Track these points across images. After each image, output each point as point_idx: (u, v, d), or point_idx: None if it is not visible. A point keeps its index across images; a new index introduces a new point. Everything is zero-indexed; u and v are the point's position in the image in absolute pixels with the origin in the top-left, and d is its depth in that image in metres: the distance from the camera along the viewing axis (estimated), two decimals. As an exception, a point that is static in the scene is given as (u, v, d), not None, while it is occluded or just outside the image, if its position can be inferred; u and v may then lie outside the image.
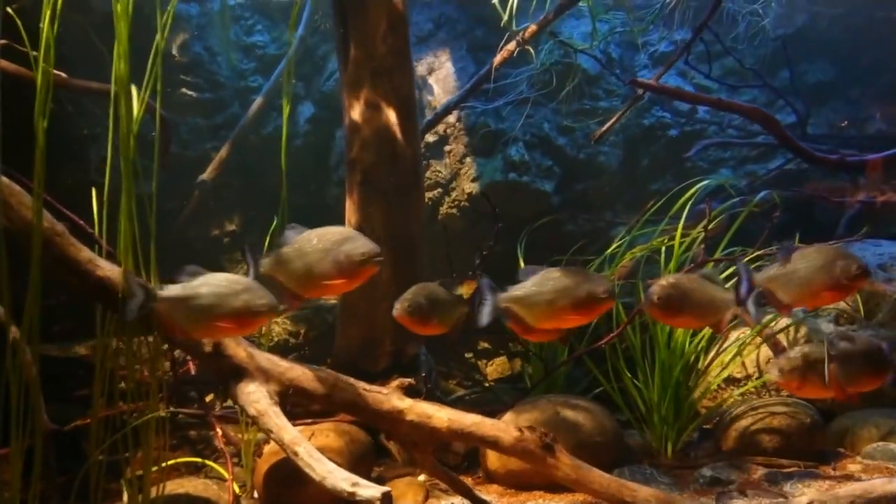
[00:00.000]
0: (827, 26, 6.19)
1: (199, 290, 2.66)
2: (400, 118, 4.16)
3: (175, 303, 2.66)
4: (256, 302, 2.64)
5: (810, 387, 3.27)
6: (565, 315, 2.89)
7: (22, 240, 2.87)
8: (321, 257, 2.75)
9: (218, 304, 2.63)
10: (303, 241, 2.80)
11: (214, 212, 5.85)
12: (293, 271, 2.79)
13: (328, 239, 2.80)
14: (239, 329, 2.77)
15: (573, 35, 5.73)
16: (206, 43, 5.86)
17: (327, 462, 2.87)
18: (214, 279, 2.69)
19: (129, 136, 2.90)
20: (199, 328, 2.72)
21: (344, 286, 2.88)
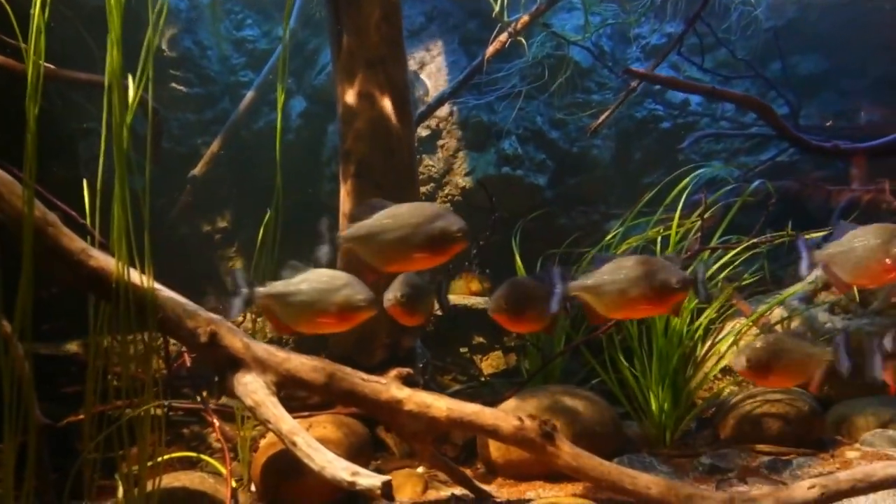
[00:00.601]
0: (817, 18, 6.21)
1: (301, 287, 2.76)
2: (394, 108, 4.14)
3: (277, 298, 2.75)
4: (356, 297, 2.73)
5: (775, 378, 3.26)
6: (638, 305, 2.84)
7: (13, 230, 2.83)
8: (412, 232, 2.70)
9: (318, 300, 2.73)
10: (387, 216, 2.75)
11: (206, 208, 5.79)
12: (377, 245, 2.73)
13: (421, 214, 2.75)
14: (338, 324, 2.85)
15: (565, 28, 5.73)
16: (195, 37, 5.81)
17: (326, 452, 2.84)
18: (316, 275, 2.78)
19: (122, 124, 2.86)
20: (300, 323, 2.81)
21: (429, 262, 2.83)
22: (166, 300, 3.02)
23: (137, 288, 2.93)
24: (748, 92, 5.84)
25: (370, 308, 2.77)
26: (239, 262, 6.05)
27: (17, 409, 2.74)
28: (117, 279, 2.89)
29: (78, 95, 4.78)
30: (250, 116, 5.84)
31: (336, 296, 2.72)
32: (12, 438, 2.74)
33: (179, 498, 3.12)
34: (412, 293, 3.12)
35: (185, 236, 5.66)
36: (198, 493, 3.15)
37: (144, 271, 2.96)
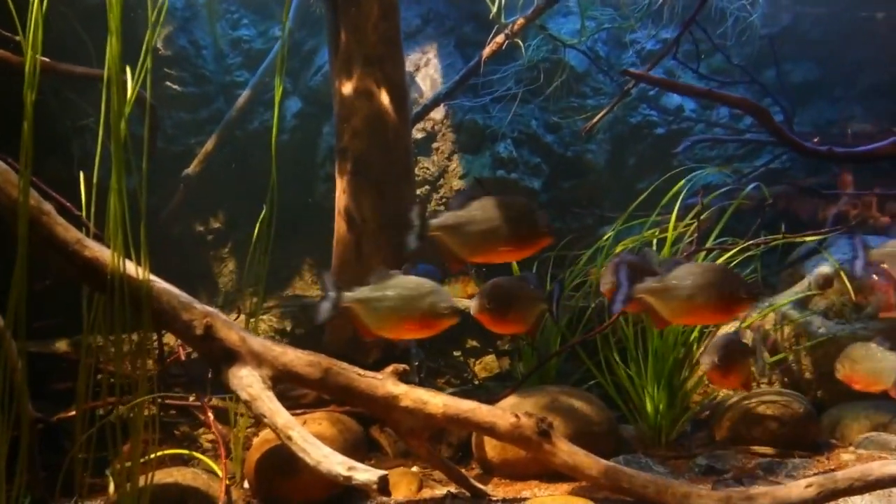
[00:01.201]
0: (810, 26, 6.27)
1: (387, 293, 2.81)
2: (391, 106, 4.13)
3: (364, 303, 2.82)
4: (441, 305, 2.78)
5: (734, 378, 3.29)
6: (703, 312, 2.83)
7: (8, 218, 2.80)
8: (499, 224, 2.69)
9: (404, 307, 2.80)
10: (478, 208, 2.74)
11: (199, 208, 5.76)
12: (464, 235, 2.73)
13: (510, 207, 2.73)
14: (421, 330, 2.93)
15: (561, 32, 5.73)
16: (191, 36, 5.80)
17: (322, 446, 2.81)
18: (402, 281, 2.84)
19: (120, 114, 2.83)
20: (385, 328, 2.88)
21: (513, 255, 2.86)
22: (161, 292, 2.99)
23: (132, 279, 2.91)
24: (743, 98, 5.87)
25: (454, 316, 2.83)
26: (232, 263, 6.02)
27: (9, 401, 2.71)
28: (112, 270, 2.86)
29: (72, 92, 4.74)
30: (245, 116, 5.82)
31: (421, 303, 2.78)
32: (4, 431, 2.70)
33: (172, 494, 3.08)
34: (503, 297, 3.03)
35: (178, 236, 5.62)
36: (190, 489, 3.11)
37: (140, 263, 2.93)
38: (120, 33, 2.87)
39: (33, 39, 2.71)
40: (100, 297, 2.92)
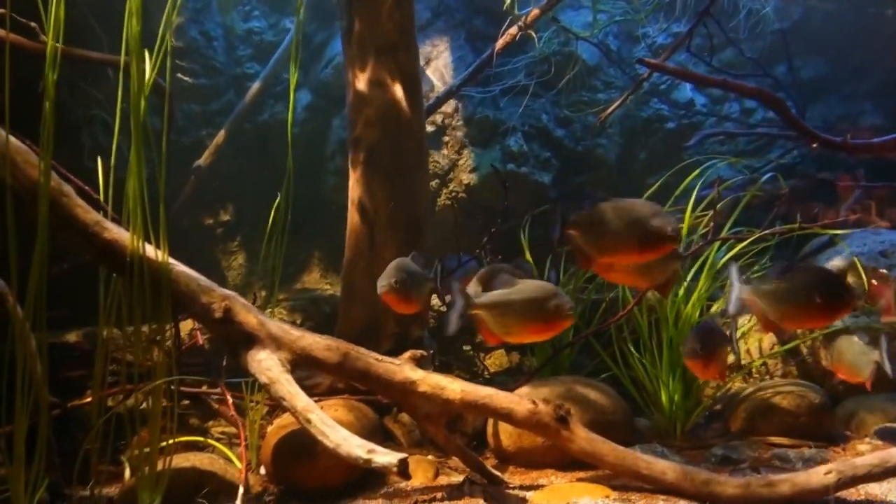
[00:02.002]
0: (820, 22, 6.26)
1: (513, 297, 2.84)
2: (405, 95, 4.13)
3: (491, 308, 2.84)
4: (565, 307, 2.81)
5: (714, 367, 3.30)
6: (809, 316, 2.89)
7: (27, 199, 2.78)
8: (627, 226, 2.73)
9: (530, 310, 2.83)
10: (613, 209, 2.78)
11: (209, 200, 5.75)
12: (598, 234, 2.77)
13: (640, 210, 2.77)
14: (546, 333, 2.99)
15: (572, 26, 5.73)
16: (202, 27, 5.79)
17: (341, 429, 2.79)
18: (525, 286, 2.87)
19: (140, 95, 2.82)
20: (511, 332, 2.90)
21: (639, 257, 2.89)
22: (180, 274, 2.98)
23: (152, 262, 2.90)
24: (754, 93, 5.86)
25: (574, 317, 2.87)
26: (241, 256, 6.01)
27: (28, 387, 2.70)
28: (132, 252, 2.85)
29: (84, 83, 4.73)
30: (255, 109, 5.81)
31: (546, 306, 2.81)
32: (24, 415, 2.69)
33: (189, 478, 3.07)
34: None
35: (187, 228, 5.60)
36: (208, 473, 3.10)
37: (159, 246, 2.92)
38: (140, 15, 2.87)
39: (55, 17, 2.70)
40: (115, 285, 2.92)
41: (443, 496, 3.11)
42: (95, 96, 4.79)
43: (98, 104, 4.79)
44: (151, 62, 2.93)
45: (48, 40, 2.71)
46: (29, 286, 2.64)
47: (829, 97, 6.30)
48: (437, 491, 3.18)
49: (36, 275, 2.66)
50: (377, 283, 3.15)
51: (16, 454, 2.66)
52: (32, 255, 2.69)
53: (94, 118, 4.84)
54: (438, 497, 3.10)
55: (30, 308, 2.66)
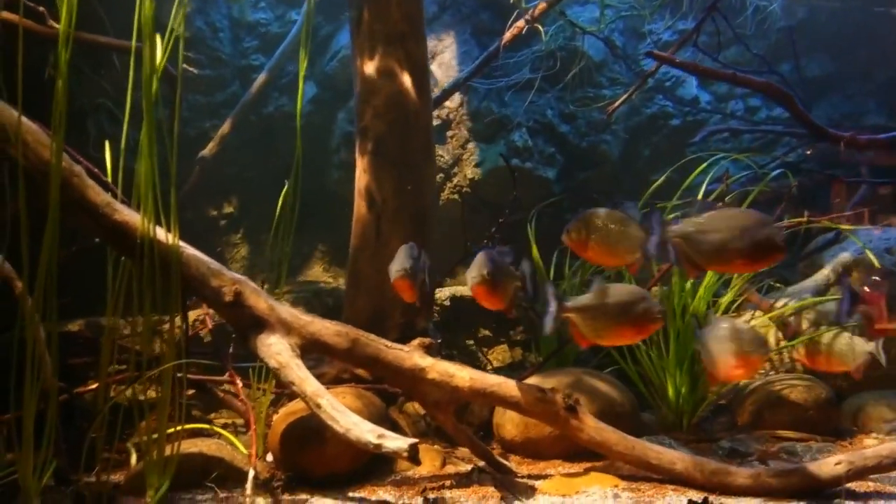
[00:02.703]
0: (826, 21, 6.28)
1: (605, 301, 2.87)
2: (413, 85, 4.11)
3: (583, 312, 2.88)
4: (654, 311, 2.85)
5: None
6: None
7: (38, 179, 2.76)
8: (736, 235, 2.69)
9: (621, 313, 2.87)
10: (716, 218, 2.74)
11: (212, 192, 5.72)
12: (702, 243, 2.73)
13: (746, 219, 2.73)
14: (635, 335, 3.02)
15: (578, 21, 5.73)
16: (207, 18, 5.78)
17: (351, 414, 2.78)
18: (615, 290, 2.91)
19: (152, 75, 2.81)
20: (602, 335, 2.93)
21: (747, 268, 2.94)
22: (191, 258, 2.96)
23: (162, 244, 2.88)
24: (761, 91, 5.86)
25: (663, 319, 2.89)
26: (244, 248, 5.98)
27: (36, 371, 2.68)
28: (142, 234, 2.83)
29: (89, 68, 4.71)
30: (260, 101, 5.79)
31: (636, 309, 2.84)
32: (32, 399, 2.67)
33: (197, 463, 3.04)
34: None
35: (191, 220, 5.58)
36: (215, 459, 3.08)
37: (169, 229, 2.91)
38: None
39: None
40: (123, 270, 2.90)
41: (451, 484, 3.10)
42: (101, 84, 4.77)
43: (104, 93, 4.77)
44: (163, 47, 2.92)
45: (62, 18, 2.69)
46: (40, 266, 2.63)
47: (834, 95, 6.32)
48: (445, 479, 3.17)
49: (46, 255, 2.65)
50: (468, 274, 2.99)
51: (25, 438, 2.64)
52: (42, 236, 2.69)
53: (99, 106, 4.82)
54: (447, 485, 3.08)
55: (40, 288, 2.64)
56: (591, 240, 3.00)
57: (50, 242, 2.64)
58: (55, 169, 2.69)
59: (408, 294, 3.13)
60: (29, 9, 3.81)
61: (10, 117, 2.78)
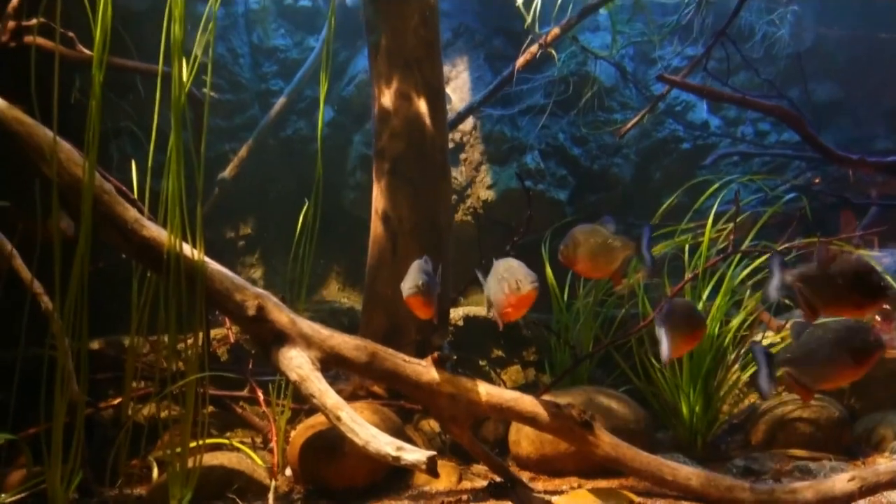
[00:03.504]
0: (833, 47, 6.38)
1: (819, 346, 2.83)
2: (429, 108, 4.21)
3: (797, 363, 2.83)
4: (872, 340, 2.78)
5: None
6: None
7: (71, 196, 2.86)
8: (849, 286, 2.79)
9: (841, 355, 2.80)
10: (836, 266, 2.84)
11: (231, 213, 5.83)
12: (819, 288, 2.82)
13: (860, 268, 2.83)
14: (860, 370, 2.86)
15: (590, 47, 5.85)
16: (228, 44, 5.93)
17: (370, 427, 2.82)
18: (824, 330, 2.84)
19: (181, 93, 2.91)
20: (827, 380, 2.90)
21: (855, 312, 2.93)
22: (215, 272, 3.04)
23: (188, 259, 2.96)
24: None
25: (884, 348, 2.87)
26: (261, 269, 6.08)
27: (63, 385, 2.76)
28: (169, 249, 2.92)
29: (113, 93, 4.84)
30: (278, 124, 5.92)
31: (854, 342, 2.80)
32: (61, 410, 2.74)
33: (218, 475, 3.10)
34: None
35: (210, 241, 5.67)
36: (236, 472, 3.13)
37: (195, 245, 2.99)
38: (184, 21, 2.97)
39: (102, 19, 2.80)
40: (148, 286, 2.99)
41: (468, 499, 3.13)
42: (124, 108, 4.89)
43: (127, 116, 4.89)
44: (187, 71, 3.02)
45: (96, 43, 2.80)
46: (71, 281, 2.71)
47: (843, 120, 6.40)
48: (461, 494, 3.20)
49: (78, 268, 2.73)
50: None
51: (53, 450, 2.70)
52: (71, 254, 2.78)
53: (122, 130, 4.94)
54: (464, 499, 3.12)
55: (71, 304, 2.73)
56: (578, 255, 3.11)
57: (82, 253, 2.73)
58: (87, 186, 2.78)
59: (421, 311, 3.15)
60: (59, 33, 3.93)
61: (44, 137, 2.89)
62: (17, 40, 3.72)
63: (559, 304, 4.70)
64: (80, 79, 4.42)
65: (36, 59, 2.94)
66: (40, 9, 3.11)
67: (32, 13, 3.77)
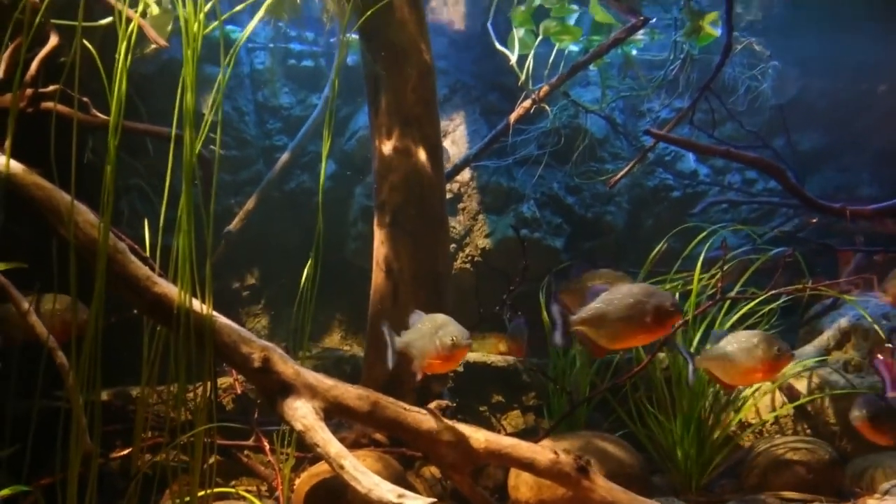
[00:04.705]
0: (817, 98, 6.63)
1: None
2: (427, 162, 4.39)
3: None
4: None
5: None
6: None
7: (86, 256, 3.01)
8: None
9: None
10: None
11: (236, 264, 6.00)
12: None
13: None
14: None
15: (581, 100, 6.09)
16: (234, 103, 6.18)
17: (372, 475, 2.92)
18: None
19: (192, 154, 3.09)
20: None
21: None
22: (223, 326, 3.17)
23: (197, 314, 3.10)
24: (756, 165, 6.14)
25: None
26: (265, 318, 6.23)
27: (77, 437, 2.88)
28: (179, 305, 3.06)
29: (125, 153, 5.04)
30: (282, 178, 6.14)
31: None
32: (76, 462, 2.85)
33: (225, 522, 3.19)
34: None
35: (216, 291, 5.81)
36: (243, 518, 3.22)
37: (204, 300, 3.14)
38: (195, 89, 3.16)
39: (118, 89, 2.99)
40: (158, 339, 3.13)
41: (468, 544, 3.22)
42: (135, 166, 5.09)
43: (137, 174, 5.09)
44: (199, 133, 3.21)
45: (112, 110, 2.99)
46: (86, 338, 2.86)
47: (827, 168, 6.62)
48: (462, 539, 3.29)
49: (92, 327, 2.87)
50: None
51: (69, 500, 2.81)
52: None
53: (132, 187, 5.14)
54: (464, 545, 3.21)
55: (87, 358, 2.86)
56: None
57: (95, 312, 2.87)
58: (102, 247, 2.94)
59: (456, 363, 3.32)
60: (71, 98, 4.14)
61: (62, 200, 3.06)
62: (34, 106, 3.91)
63: (556, 350, 4.82)
64: (92, 139, 4.62)
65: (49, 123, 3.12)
66: (61, 77, 3.30)
67: (48, 80, 3.97)
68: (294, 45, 6.57)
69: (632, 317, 3.10)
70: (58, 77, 3.56)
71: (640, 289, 3.18)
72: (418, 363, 3.20)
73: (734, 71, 6.03)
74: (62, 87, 3.81)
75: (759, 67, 5.99)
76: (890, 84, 6.32)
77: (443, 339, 3.07)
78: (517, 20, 5.06)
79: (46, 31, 3.91)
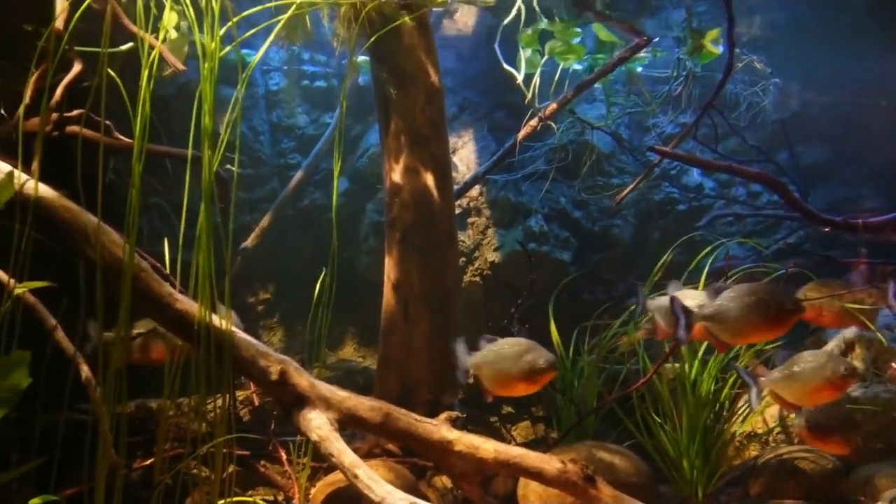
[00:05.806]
0: (818, 113, 6.74)
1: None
2: (436, 181, 4.53)
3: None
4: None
5: None
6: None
7: (111, 275, 3.16)
8: None
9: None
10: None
11: (251, 279, 6.15)
12: None
13: None
14: None
15: (587, 117, 6.22)
16: (250, 123, 6.37)
17: (385, 484, 3.04)
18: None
19: (211, 172, 3.24)
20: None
21: None
22: (241, 340, 3.31)
23: (216, 329, 3.24)
24: (759, 179, 6.26)
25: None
26: (280, 332, 6.38)
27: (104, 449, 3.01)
28: (199, 321, 3.20)
29: (145, 173, 5.18)
30: (296, 195, 6.31)
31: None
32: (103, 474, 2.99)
33: (244, 531, 3.30)
34: None
35: (232, 306, 5.96)
36: (262, 529, 3.33)
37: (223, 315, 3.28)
38: (212, 113, 3.31)
39: (142, 114, 3.14)
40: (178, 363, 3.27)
41: (478, 551, 3.32)
42: (154, 185, 5.26)
43: (156, 192, 5.26)
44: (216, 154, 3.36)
45: (136, 136, 3.14)
46: (114, 352, 3.00)
47: (830, 182, 6.72)
48: (472, 546, 3.39)
49: (118, 342, 3.02)
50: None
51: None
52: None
53: (152, 205, 5.30)
54: (474, 551, 3.31)
55: (113, 372, 3.00)
56: None
57: (122, 329, 3.02)
58: (127, 266, 3.09)
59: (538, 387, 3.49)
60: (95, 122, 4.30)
61: (88, 221, 3.21)
62: (59, 130, 4.08)
63: (564, 362, 4.92)
64: (114, 160, 4.78)
65: (73, 146, 3.27)
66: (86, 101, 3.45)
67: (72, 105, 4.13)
68: (307, 67, 6.78)
69: (752, 314, 3.21)
70: (80, 101, 3.71)
71: (761, 287, 3.30)
72: (489, 384, 3.32)
73: (736, 87, 6.15)
74: (86, 112, 3.97)
75: (760, 84, 6.12)
76: (890, 98, 6.42)
77: (532, 363, 3.20)
78: (524, 41, 5.21)
79: (70, 58, 4.07)
